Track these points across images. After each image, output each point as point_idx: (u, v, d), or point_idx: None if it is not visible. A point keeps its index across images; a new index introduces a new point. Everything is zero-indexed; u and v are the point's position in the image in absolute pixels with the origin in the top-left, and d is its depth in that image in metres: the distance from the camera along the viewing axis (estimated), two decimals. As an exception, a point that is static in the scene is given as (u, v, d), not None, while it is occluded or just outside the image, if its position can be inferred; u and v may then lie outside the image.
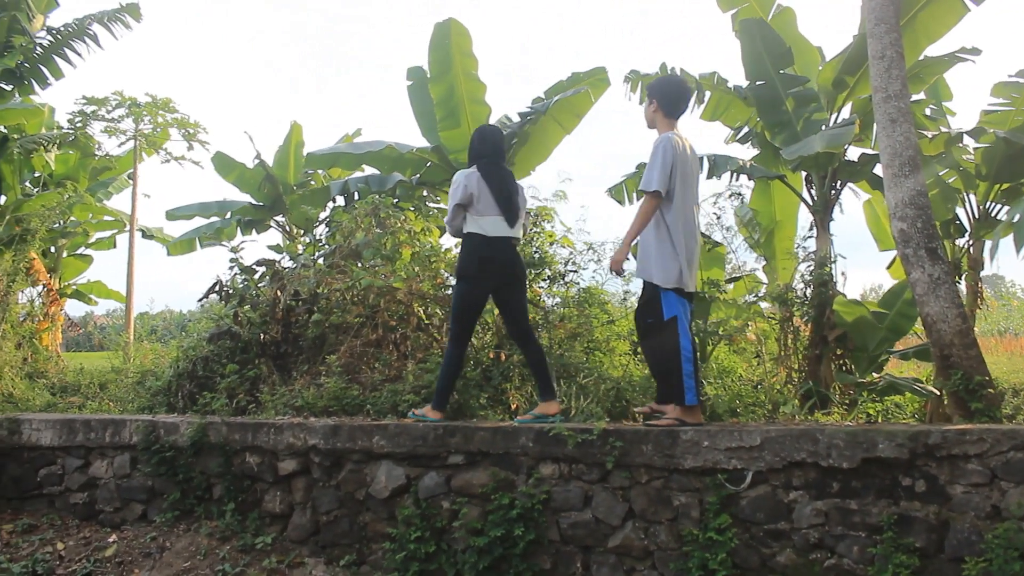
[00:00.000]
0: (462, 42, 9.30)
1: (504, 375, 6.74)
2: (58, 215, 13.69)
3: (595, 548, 5.19)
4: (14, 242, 12.51)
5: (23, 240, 12.48)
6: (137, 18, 13.83)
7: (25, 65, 13.03)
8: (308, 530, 5.95)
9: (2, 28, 12.77)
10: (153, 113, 14.68)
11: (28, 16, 12.77)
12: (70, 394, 10.06)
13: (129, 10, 13.70)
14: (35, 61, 13.16)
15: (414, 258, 7.48)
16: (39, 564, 6.17)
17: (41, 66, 13.28)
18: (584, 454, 5.20)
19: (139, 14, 13.81)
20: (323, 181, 12.17)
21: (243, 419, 6.43)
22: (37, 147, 13.49)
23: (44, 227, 12.91)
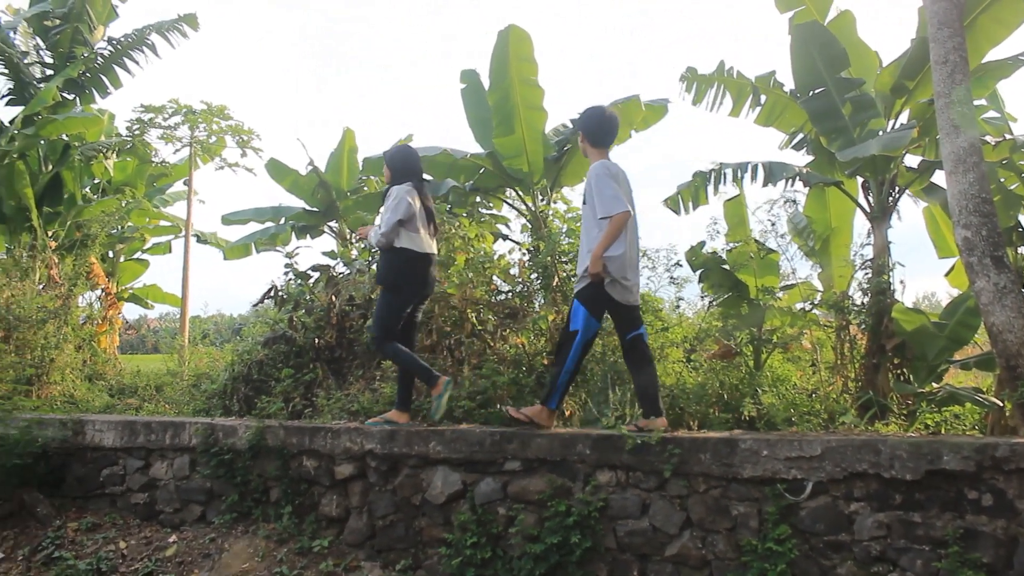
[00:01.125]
0: (521, 47, 9.28)
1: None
2: (117, 220, 13.99)
3: (652, 557, 5.16)
4: (75, 247, 12.81)
5: (84, 245, 12.79)
6: (195, 27, 14.11)
7: (86, 75, 13.37)
8: (364, 534, 5.99)
9: (65, 39, 13.09)
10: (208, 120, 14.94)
11: (90, 27, 13.08)
12: (127, 396, 10.26)
13: (187, 19, 13.99)
14: (96, 71, 13.50)
15: (468, 264, 7.51)
16: (103, 562, 6.29)
17: (102, 75, 13.64)
18: (641, 462, 5.18)
19: (196, 23, 14.09)
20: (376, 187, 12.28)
21: (300, 423, 6.50)
22: (97, 154, 13.81)
23: (103, 232, 13.21)
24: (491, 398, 6.32)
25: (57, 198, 13.86)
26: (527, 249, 8.33)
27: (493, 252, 8.19)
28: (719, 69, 8.96)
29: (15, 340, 9.39)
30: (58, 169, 13.64)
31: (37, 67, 13.72)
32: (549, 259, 7.47)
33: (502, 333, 7.35)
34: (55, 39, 13.31)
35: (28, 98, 13.12)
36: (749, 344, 7.61)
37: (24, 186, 13.24)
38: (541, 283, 7.69)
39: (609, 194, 5.44)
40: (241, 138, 15.20)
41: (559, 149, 9.98)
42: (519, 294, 7.86)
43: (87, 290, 12.44)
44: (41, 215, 13.41)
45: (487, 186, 10.41)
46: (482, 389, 6.35)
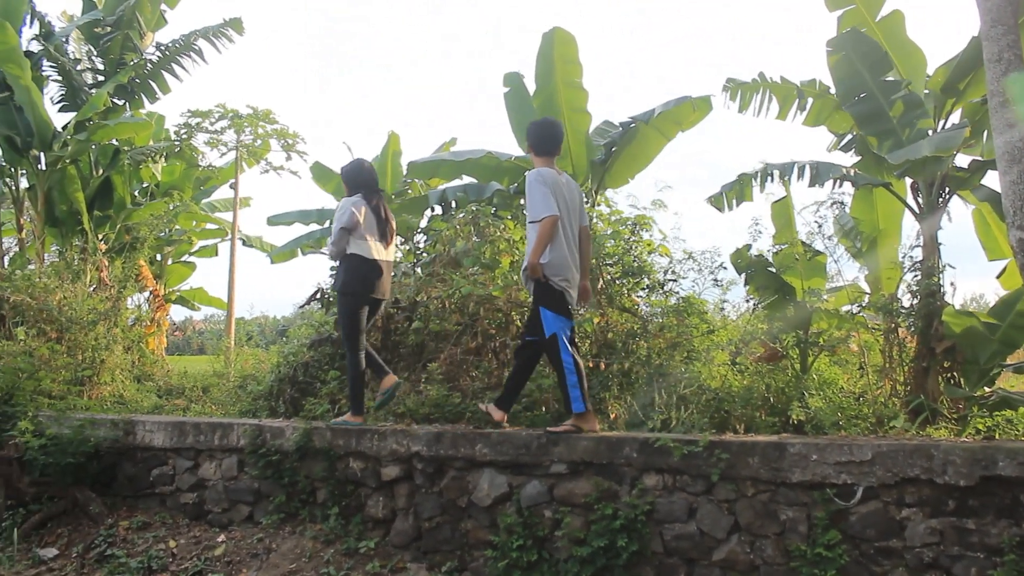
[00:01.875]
0: (566, 50, 9.29)
1: (603, 384, 6.72)
2: (165, 224, 14.21)
3: (699, 561, 5.14)
4: (124, 250, 13.02)
5: (133, 248, 13.00)
6: (240, 32, 14.27)
7: (136, 80, 13.60)
8: (410, 536, 6.03)
9: (116, 46, 13.33)
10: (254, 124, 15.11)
11: (139, 34, 13.30)
12: (175, 397, 10.41)
13: (233, 24, 14.16)
14: (145, 77, 13.73)
15: (513, 267, 7.52)
16: (154, 560, 6.40)
17: (151, 81, 13.87)
18: (689, 465, 5.15)
19: (242, 28, 14.25)
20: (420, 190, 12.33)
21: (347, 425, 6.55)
22: (146, 159, 14.03)
23: (152, 235, 13.41)
24: (536, 401, 6.33)
25: (107, 202, 14.10)
26: (572, 251, 8.31)
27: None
28: (761, 77, 8.92)
29: (67, 341, 9.56)
30: (108, 173, 13.88)
31: (89, 73, 13.98)
32: (594, 261, 7.45)
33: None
34: (106, 46, 13.55)
35: (80, 104, 13.36)
36: (795, 347, 7.53)
37: (76, 190, 13.49)
38: (586, 286, 7.67)
39: (538, 199, 5.68)
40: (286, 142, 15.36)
41: (605, 151, 9.96)
42: (564, 297, 7.84)
43: (136, 292, 12.65)
44: (92, 218, 13.65)
45: (532, 188, 10.39)
46: (527, 392, 6.35)
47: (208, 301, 16.89)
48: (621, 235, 7.77)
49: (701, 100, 9.74)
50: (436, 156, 10.62)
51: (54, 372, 8.91)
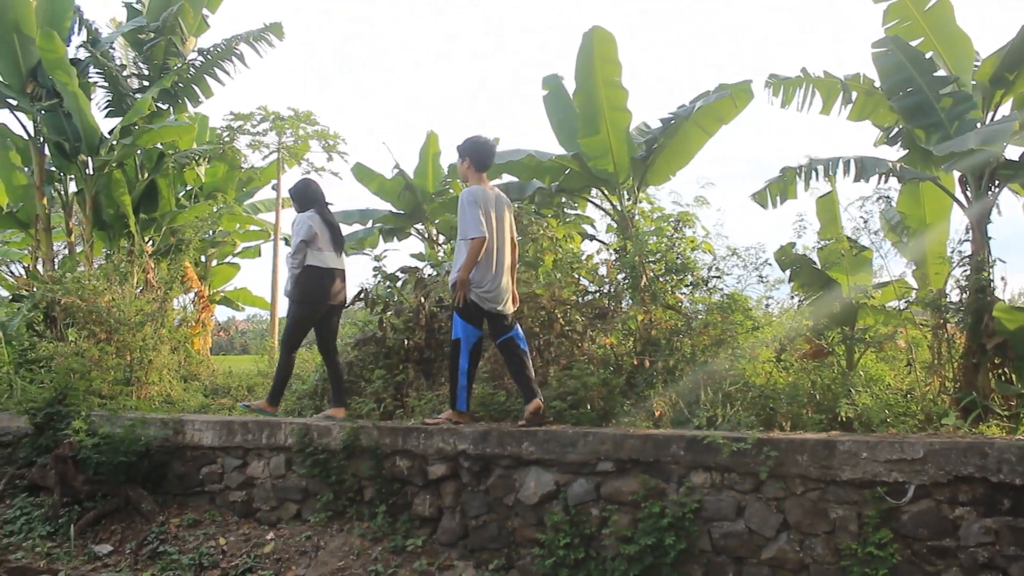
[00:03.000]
0: (605, 49, 9.28)
1: (647, 382, 6.71)
2: (208, 225, 14.38)
3: (748, 559, 5.11)
4: (170, 252, 13.21)
5: (178, 250, 13.17)
6: (280, 36, 14.41)
7: (179, 85, 13.78)
8: (457, 534, 6.05)
9: (159, 51, 13.51)
10: (295, 126, 15.26)
11: (182, 39, 13.47)
12: (220, 396, 10.53)
13: (273, 28, 14.30)
14: (188, 81, 13.91)
15: (556, 265, 7.53)
16: (204, 557, 6.49)
17: (194, 85, 14.04)
18: (737, 463, 5.12)
19: (282, 32, 14.38)
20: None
21: (393, 423, 6.60)
22: (189, 161, 14.20)
23: (196, 237, 13.57)
24: (582, 399, 6.32)
25: (153, 205, 14.30)
26: (614, 249, 8.31)
27: (581, 252, 8.20)
28: (804, 73, 8.84)
29: (116, 342, 9.71)
30: (153, 177, 14.07)
31: (134, 79, 14.18)
32: (637, 259, 7.44)
33: (590, 334, 7.34)
34: (150, 51, 13.73)
35: (125, 109, 13.56)
36: (841, 343, 7.47)
37: (122, 194, 13.69)
38: (629, 283, 7.66)
39: (470, 219, 6.19)
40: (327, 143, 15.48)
41: (646, 148, 9.93)
42: (607, 294, 7.85)
43: (181, 293, 12.82)
44: (138, 221, 13.84)
45: (572, 187, 10.42)
46: (572, 390, 6.36)
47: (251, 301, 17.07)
48: (663, 232, 7.74)
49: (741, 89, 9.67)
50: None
51: (104, 372, 9.06)
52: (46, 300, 11.16)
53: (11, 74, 13.04)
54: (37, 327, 11.98)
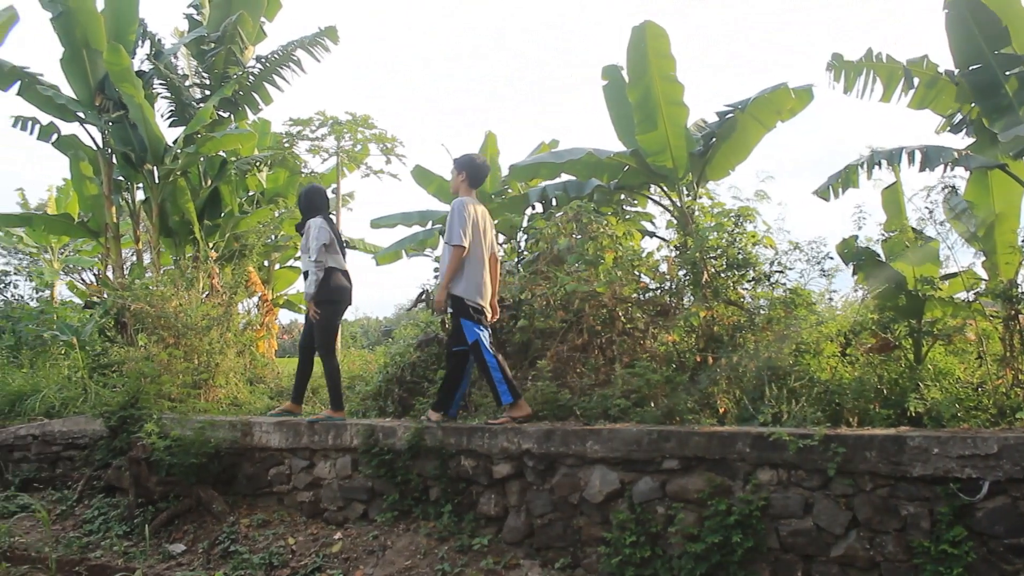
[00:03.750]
0: (658, 44, 9.21)
1: (711, 378, 6.67)
2: (271, 230, 14.61)
3: (817, 557, 5.06)
4: (234, 257, 13.46)
5: (242, 255, 13.42)
6: (335, 40, 14.58)
7: (239, 93, 14.05)
8: (523, 532, 6.09)
9: (219, 61, 13.79)
10: (353, 130, 15.40)
11: (241, 48, 13.71)
12: (286, 398, 10.69)
13: (328, 33, 14.48)
14: (248, 89, 14.17)
15: (616, 262, 7.52)
16: (274, 556, 6.62)
17: (253, 93, 14.30)
18: (804, 460, 5.08)
19: (337, 36, 14.56)
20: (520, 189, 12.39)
21: (457, 423, 6.65)
22: (251, 168, 14.47)
23: (259, 242, 13.80)
24: (645, 396, 6.31)
25: (216, 211, 14.60)
26: (674, 246, 8.27)
27: (641, 249, 8.18)
28: (867, 55, 8.68)
29: (184, 346, 9.91)
30: (216, 184, 14.36)
31: (196, 89, 14.49)
32: (697, 255, 7.40)
33: (652, 331, 7.32)
34: (211, 61, 14.01)
35: (188, 118, 13.87)
36: (908, 336, 7.33)
37: (187, 201, 14.01)
38: (690, 279, 7.62)
39: (456, 225, 6.64)
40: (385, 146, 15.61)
41: (704, 143, 9.85)
42: (668, 291, 7.82)
43: (246, 297, 13.02)
44: (202, 228, 14.14)
45: (631, 184, 10.36)
46: (636, 388, 6.35)
47: (312, 305, 17.25)
48: (724, 227, 7.67)
49: (802, 90, 9.55)
50: (537, 158, 10.64)
51: (174, 376, 9.24)
52: (117, 306, 11.46)
53: (81, 88, 13.43)
54: (109, 333, 12.32)
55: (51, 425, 9.53)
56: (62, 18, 12.82)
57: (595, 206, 8.41)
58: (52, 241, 22.56)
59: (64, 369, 12.87)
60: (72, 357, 12.76)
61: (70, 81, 13.44)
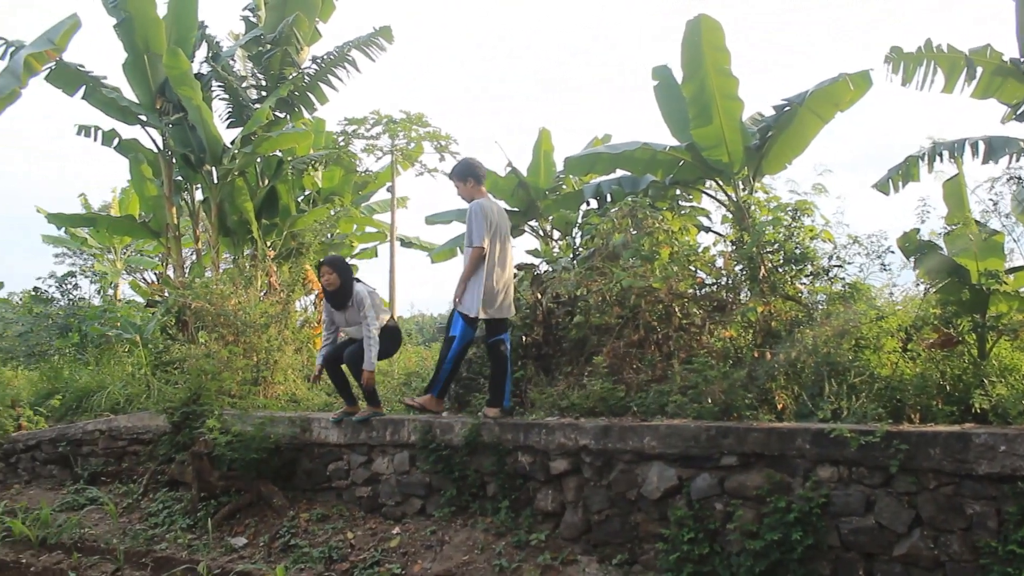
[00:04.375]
0: (713, 37, 9.15)
1: (768, 374, 6.60)
2: (327, 229, 14.79)
3: (879, 556, 4.98)
4: (291, 255, 13.64)
5: (299, 253, 13.58)
6: (390, 40, 14.70)
7: (295, 94, 14.23)
8: (580, 528, 6.09)
9: (275, 62, 13.98)
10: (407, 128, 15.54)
11: (297, 49, 13.89)
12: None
13: (382, 33, 14.60)
14: (304, 89, 14.36)
15: (672, 258, 7.48)
16: (334, 551, 6.70)
17: (309, 93, 14.47)
18: (865, 457, 5.00)
19: (391, 36, 14.67)
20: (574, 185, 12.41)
21: (514, 420, 6.67)
22: (307, 167, 14.65)
23: (316, 240, 13.97)
24: (702, 392, 6.27)
25: (274, 210, 14.81)
26: (731, 241, 8.20)
27: (697, 245, 8.13)
28: (927, 46, 8.53)
29: (243, 343, 10.07)
30: (273, 183, 14.57)
31: (252, 90, 14.72)
32: (754, 249, 7.32)
33: (709, 326, 7.27)
34: (267, 62, 14.23)
35: (245, 119, 14.10)
36: (972, 332, 7.18)
37: (245, 200, 14.23)
38: (747, 274, 7.55)
39: (475, 228, 6.85)
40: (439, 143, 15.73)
41: (760, 137, 9.75)
42: (725, 286, 7.76)
43: (303, 295, 13.20)
44: (260, 227, 14.36)
45: (686, 179, 10.30)
46: (693, 383, 6.31)
47: (370, 302, 17.44)
48: (781, 222, 7.59)
49: (859, 76, 9.39)
50: (591, 151, 10.63)
51: (233, 373, 9.41)
52: (178, 305, 11.68)
53: (142, 91, 13.72)
54: (170, 331, 12.56)
55: (117, 421, 9.76)
56: (125, 24, 13.11)
57: (650, 201, 8.37)
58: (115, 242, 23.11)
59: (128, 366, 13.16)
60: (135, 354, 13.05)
61: (132, 85, 13.74)
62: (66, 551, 7.39)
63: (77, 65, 13.04)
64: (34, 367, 15.75)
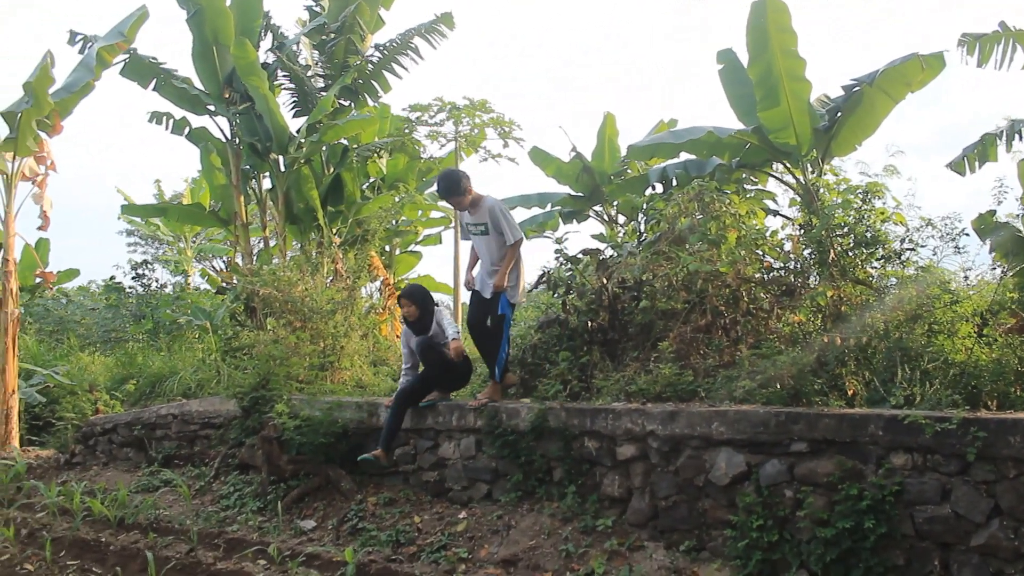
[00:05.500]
0: (779, 18, 9.00)
1: (838, 359, 6.48)
2: (392, 216, 14.90)
3: (955, 546, 4.86)
4: (356, 242, 13.78)
5: (364, 240, 13.73)
6: (451, 26, 14.75)
7: (359, 82, 14.36)
8: (647, 514, 6.06)
9: (340, 50, 14.12)
10: (471, 115, 15.56)
11: (360, 37, 14.01)
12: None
13: (444, 19, 14.66)
14: (367, 77, 14.49)
15: (739, 242, 7.37)
16: (401, 534, 6.77)
17: (373, 81, 14.59)
18: (941, 444, 4.88)
19: (453, 22, 14.73)
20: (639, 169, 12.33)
21: (581, 405, 6.66)
22: (371, 155, 14.78)
23: (381, 227, 14.09)
24: (771, 378, 6.18)
25: (338, 198, 14.98)
26: (799, 224, 8.06)
27: (764, 228, 8.01)
28: (1002, 27, 8.29)
29: (310, 330, 10.20)
30: (338, 171, 14.73)
31: (317, 79, 14.89)
32: (823, 233, 7.19)
33: (777, 311, 7.17)
34: (331, 51, 14.38)
35: (310, 108, 14.28)
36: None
37: (310, 188, 14.42)
38: (815, 258, 7.41)
39: (512, 223, 7.33)
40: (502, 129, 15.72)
41: (829, 118, 9.57)
42: (793, 270, 7.64)
43: (368, 282, 13.34)
44: (326, 214, 14.54)
45: (753, 162, 10.17)
46: (761, 369, 6.23)
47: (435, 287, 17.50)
48: (851, 204, 7.44)
49: (932, 57, 9.16)
50: (656, 137, 10.57)
51: (301, 359, 9.54)
52: (246, 292, 11.89)
53: (210, 82, 13.97)
54: (239, 317, 12.82)
55: (188, 405, 9.99)
56: (196, 16, 13.35)
57: (717, 185, 8.27)
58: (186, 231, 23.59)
59: (198, 352, 13.48)
60: (205, 341, 13.35)
61: (200, 76, 14.00)
62: (142, 531, 7.58)
63: (150, 58, 13.33)
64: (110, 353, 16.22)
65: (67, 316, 19.79)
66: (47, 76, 11.25)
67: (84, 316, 20.08)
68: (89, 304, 21.59)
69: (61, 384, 12.60)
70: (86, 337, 18.39)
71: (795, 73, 9.26)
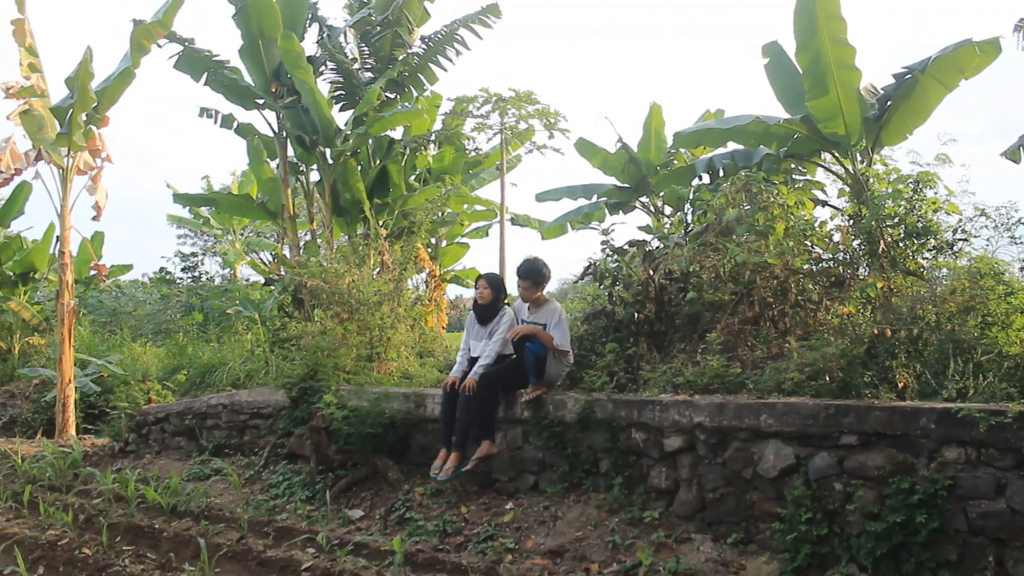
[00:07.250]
0: (828, 5, 8.87)
1: (889, 352, 6.40)
2: (438, 208, 14.97)
3: (1010, 542, 4.77)
4: (403, 234, 13.87)
5: (410, 232, 13.82)
6: (497, 16, 14.73)
7: (405, 74, 14.41)
8: (694, 506, 6.03)
9: (386, 43, 14.18)
10: (517, 106, 15.58)
11: (408, 31, 14.05)
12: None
13: (490, 10, 14.64)
14: (413, 70, 14.53)
15: (788, 232, 7.30)
16: (448, 524, 6.79)
17: (419, 74, 14.62)
18: (996, 438, 4.80)
19: (499, 12, 14.70)
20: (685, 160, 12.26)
21: (627, 396, 6.64)
22: (418, 147, 14.84)
23: (427, 219, 14.16)
24: (820, 370, 6.12)
25: (385, 190, 15.08)
26: (848, 215, 7.96)
27: (813, 219, 7.92)
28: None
29: (357, 321, 10.27)
30: (385, 163, 14.84)
31: (364, 72, 14.98)
32: (873, 223, 7.10)
33: (826, 303, 7.09)
34: (377, 44, 14.45)
35: (357, 101, 14.37)
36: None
37: (357, 181, 14.53)
38: (865, 249, 7.32)
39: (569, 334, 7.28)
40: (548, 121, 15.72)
41: (879, 107, 9.43)
42: (842, 262, 7.55)
43: (415, 273, 13.41)
44: (372, 206, 14.65)
45: (801, 151, 10.05)
46: (810, 361, 6.17)
47: (480, 280, 17.65)
48: (902, 194, 7.33)
49: (987, 43, 8.97)
50: (702, 125, 10.49)
51: (348, 350, 9.61)
52: (294, 283, 12.03)
53: (257, 75, 14.12)
54: (287, 308, 12.95)
55: (238, 395, 10.12)
56: (242, 11, 13.48)
57: (764, 175, 8.19)
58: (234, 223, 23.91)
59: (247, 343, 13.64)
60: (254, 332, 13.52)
61: (248, 70, 14.17)
62: (194, 518, 7.71)
63: (205, 51, 13.50)
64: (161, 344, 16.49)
65: (119, 307, 20.17)
66: (87, 71, 11.44)
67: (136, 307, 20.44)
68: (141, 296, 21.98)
69: (115, 374, 12.86)
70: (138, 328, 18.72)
71: (844, 61, 9.13)
